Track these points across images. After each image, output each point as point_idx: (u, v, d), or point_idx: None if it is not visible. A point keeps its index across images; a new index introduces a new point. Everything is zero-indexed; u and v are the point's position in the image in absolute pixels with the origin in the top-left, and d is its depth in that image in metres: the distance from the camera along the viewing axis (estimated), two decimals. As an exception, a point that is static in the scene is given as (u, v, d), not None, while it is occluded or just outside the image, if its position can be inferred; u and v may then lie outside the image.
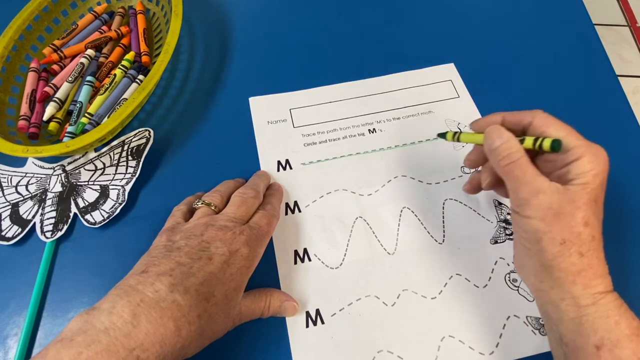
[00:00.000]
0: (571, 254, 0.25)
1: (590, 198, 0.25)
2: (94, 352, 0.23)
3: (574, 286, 0.25)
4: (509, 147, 0.27)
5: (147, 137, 0.40)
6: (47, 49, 0.46)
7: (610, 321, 0.24)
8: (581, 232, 0.25)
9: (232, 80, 0.46)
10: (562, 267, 0.25)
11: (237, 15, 0.52)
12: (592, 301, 0.25)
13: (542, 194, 0.25)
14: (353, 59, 0.47)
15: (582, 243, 0.25)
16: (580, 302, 0.25)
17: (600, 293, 0.25)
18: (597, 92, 0.44)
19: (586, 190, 0.25)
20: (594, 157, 0.26)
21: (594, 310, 0.24)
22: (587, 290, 0.25)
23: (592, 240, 0.25)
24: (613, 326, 0.24)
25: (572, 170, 0.26)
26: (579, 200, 0.25)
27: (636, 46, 1.42)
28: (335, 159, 0.40)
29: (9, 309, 0.35)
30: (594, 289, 0.25)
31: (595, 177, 0.25)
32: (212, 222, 0.31)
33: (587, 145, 0.26)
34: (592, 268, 0.25)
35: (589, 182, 0.25)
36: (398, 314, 0.33)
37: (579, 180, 0.25)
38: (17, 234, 0.37)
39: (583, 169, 0.26)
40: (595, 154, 0.26)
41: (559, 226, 0.25)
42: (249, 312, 0.31)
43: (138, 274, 0.27)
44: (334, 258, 0.35)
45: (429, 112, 0.43)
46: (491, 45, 0.47)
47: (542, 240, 0.25)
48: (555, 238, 0.25)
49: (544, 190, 0.26)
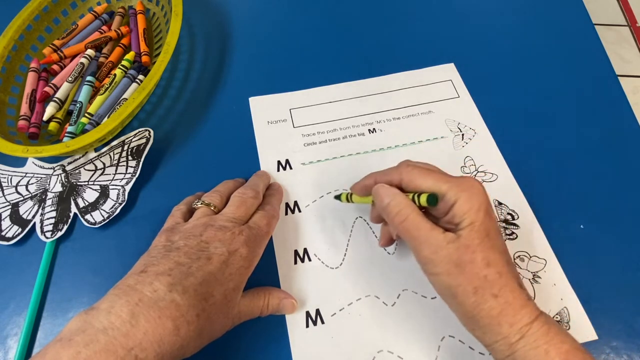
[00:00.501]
0: (486, 299, 0.25)
1: (481, 236, 0.26)
2: (93, 351, 0.23)
3: (500, 327, 0.25)
4: (398, 203, 0.28)
5: (147, 137, 0.40)
6: (47, 49, 0.46)
7: (540, 351, 0.24)
8: (487, 274, 0.25)
9: (232, 80, 0.46)
10: (483, 315, 0.25)
11: (237, 15, 0.52)
12: (520, 336, 0.25)
13: (440, 250, 0.26)
14: (353, 59, 0.47)
15: (493, 285, 0.25)
16: (510, 340, 0.25)
17: (526, 325, 0.25)
18: (597, 92, 0.44)
19: (474, 229, 0.26)
20: (468, 195, 0.26)
21: (523, 345, 0.25)
22: (513, 328, 0.25)
23: (500, 278, 0.26)
24: (543, 356, 0.24)
25: (456, 215, 0.26)
26: (473, 244, 0.26)
27: (636, 46, 1.42)
28: (335, 159, 0.40)
29: (9, 309, 0.35)
30: (518, 323, 0.25)
31: (477, 213, 0.26)
32: (212, 223, 0.31)
33: (457, 185, 0.27)
34: (510, 305, 0.25)
35: (473, 220, 0.26)
36: (398, 314, 0.33)
37: (464, 222, 0.26)
38: (17, 234, 0.37)
39: (462, 210, 0.26)
40: (468, 191, 0.27)
41: (465, 276, 0.26)
42: (248, 311, 0.31)
43: (137, 273, 0.27)
44: (334, 258, 0.35)
45: (429, 112, 0.43)
46: (491, 45, 0.47)
47: (457, 295, 0.26)
48: (467, 289, 0.26)
49: (441, 245, 0.26)
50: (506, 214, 0.37)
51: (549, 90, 0.44)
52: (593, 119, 0.42)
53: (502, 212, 0.37)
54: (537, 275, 0.34)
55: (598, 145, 0.40)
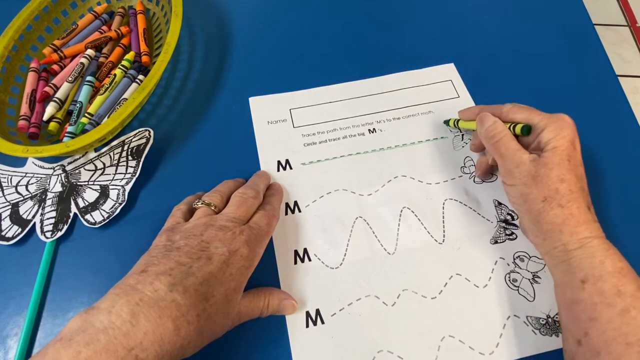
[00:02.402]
0: (552, 207, 0.29)
1: (561, 158, 0.29)
2: (93, 351, 0.23)
3: (561, 235, 0.29)
4: (495, 127, 0.33)
5: (147, 137, 0.40)
6: (47, 49, 0.46)
7: (595, 260, 0.27)
8: (558, 187, 0.29)
9: (232, 80, 0.46)
10: (547, 220, 0.29)
11: (237, 15, 0.52)
12: (579, 245, 0.28)
13: (522, 164, 0.30)
14: (353, 59, 0.47)
15: (561, 197, 0.29)
16: (568, 247, 0.28)
17: (587, 238, 0.28)
18: (597, 92, 0.44)
19: (556, 152, 0.30)
20: (556, 125, 0.30)
21: (581, 252, 0.28)
22: (573, 237, 0.28)
23: (571, 193, 0.29)
24: (597, 264, 0.27)
25: (542, 140, 0.31)
26: (552, 163, 0.29)
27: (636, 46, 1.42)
28: (335, 159, 0.40)
29: (9, 309, 0.35)
30: (579, 234, 0.28)
31: (562, 140, 0.30)
32: (212, 222, 0.31)
33: (548, 117, 0.31)
34: (573, 217, 0.28)
35: (557, 145, 0.30)
36: (398, 314, 0.33)
37: (549, 146, 0.30)
38: (17, 234, 0.37)
39: (549, 136, 0.30)
40: (557, 121, 0.31)
41: (538, 187, 0.29)
42: (248, 311, 0.31)
43: (137, 273, 0.27)
44: (334, 258, 0.35)
45: (429, 112, 0.43)
46: (491, 45, 0.47)
47: (527, 201, 0.30)
48: (537, 197, 0.29)
49: (523, 161, 0.31)
50: (506, 214, 0.37)
51: (549, 91, 0.44)
52: (593, 119, 0.42)
53: (502, 213, 0.37)
54: (537, 276, 0.34)
55: (598, 146, 0.40)
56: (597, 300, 0.26)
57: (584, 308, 0.27)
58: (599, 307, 0.26)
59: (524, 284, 0.34)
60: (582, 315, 0.27)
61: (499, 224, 0.36)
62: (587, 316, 0.26)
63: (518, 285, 0.34)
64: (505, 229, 0.36)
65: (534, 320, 0.32)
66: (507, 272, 0.34)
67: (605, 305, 0.26)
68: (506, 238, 0.36)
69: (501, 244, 0.35)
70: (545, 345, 0.31)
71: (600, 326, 0.26)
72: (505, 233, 0.36)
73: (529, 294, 0.33)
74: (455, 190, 0.38)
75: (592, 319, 0.26)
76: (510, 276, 0.34)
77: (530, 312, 0.32)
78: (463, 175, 0.39)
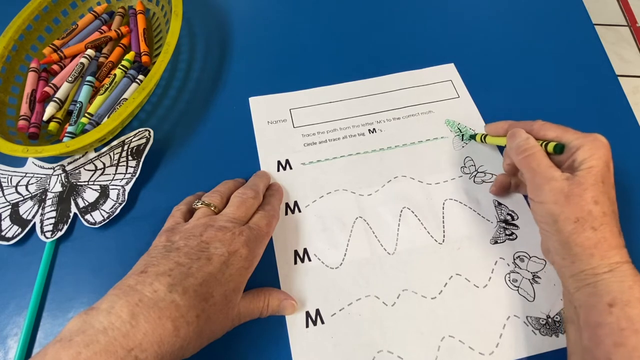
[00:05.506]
0: (585, 229, 0.27)
1: (596, 180, 0.28)
2: (93, 352, 0.23)
3: (591, 258, 0.27)
4: (528, 142, 0.32)
5: (147, 137, 0.40)
6: (47, 49, 0.46)
7: (624, 285, 0.26)
8: (592, 209, 0.28)
9: (232, 80, 0.46)
10: (578, 242, 0.28)
11: (237, 15, 0.52)
12: (609, 269, 0.27)
13: (554, 181, 0.29)
14: (353, 59, 0.47)
15: (594, 219, 0.27)
16: (597, 271, 0.27)
17: (617, 263, 0.27)
18: (597, 92, 0.43)
19: (591, 173, 0.28)
20: (592, 145, 0.29)
21: (610, 276, 0.26)
22: (604, 261, 0.27)
23: (604, 216, 0.28)
24: (626, 289, 0.26)
25: (577, 159, 0.29)
26: (586, 183, 0.28)
27: (636, 46, 1.42)
28: (335, 159, 0.40)
29: (9, 309, 0.35)
30: (610, 259, 0.27)
31: (598, 161, 0.29)
32: (212, 223, 0.31)
33: (584, 136, 0.30)
34: (606, 241, 0.27)
35: (592, 166, 0.29)
36: (398, 314, 0.33)
37: (584, 166, 0.29)
38: (17, 234, 0.37)
39: (584, 156, 0.29)
40: (593, 141, 0.30)
41: (570, 207, 0.28)
42: (248, 312, 0.31)
43: (137, 274, 0.27)
44: (334, 258, 0.35)
45: (429, 112, 0.43)
46: (491, 45, 0.47)
47: (558, 221, 0.28)
48: (569, 217, 0.28)
49: (555, 177, 0.29)
50: (506, 214, 0.37)
51: (549, 90, 0.44)
52: (593, 119, 0.41)
53: (502, 213, 0.37)
54: (537, 276, 0.34)
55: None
56: (625, 325, 0.25)
57: (609, 332, 0.25)
58: (626, 333, 0.25)
59: (524, 284, 0.34)
60: (607, 340, 0.25)
61: (499, 224, 0.36)
62: (612, 341, 0.25)
63: (518, 286, 0.34)
64: (505, 229, 0.36)
65: (534, 320, 0.32)
66: (507, 272, 0.34)
67: (632, 332, 0.25)
68: (506, 238, 0.36)
69: (501, 244, 0.35)
70: (545, 346, 0.31)
71: (626, 353, 0.25)
72: (505, 233, 0.36)
73: (529, 294, 0.33)
74: (455, 190, 0.38)
75: (618, 345, 0.25)
76: (510, 276, 0.34)
77: (530, 312, 0.32)
78: (463, 175, 0.39)
